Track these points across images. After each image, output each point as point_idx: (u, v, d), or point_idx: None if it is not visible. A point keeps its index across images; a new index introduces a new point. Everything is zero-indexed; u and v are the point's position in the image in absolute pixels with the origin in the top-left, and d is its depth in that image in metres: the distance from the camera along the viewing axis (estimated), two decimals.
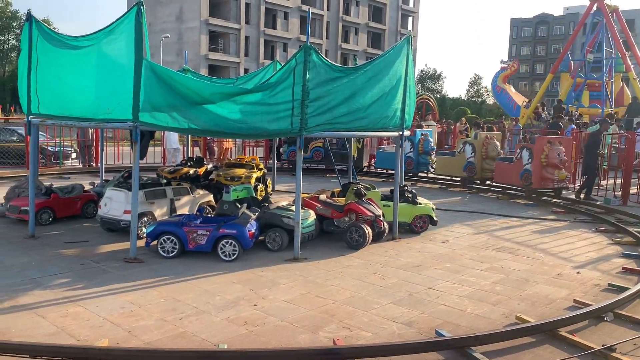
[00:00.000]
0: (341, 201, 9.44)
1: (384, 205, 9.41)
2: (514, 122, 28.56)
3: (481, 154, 15.78)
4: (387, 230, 9.03)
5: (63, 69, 8.11)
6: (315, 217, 8.73)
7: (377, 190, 10.00)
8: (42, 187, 9.87)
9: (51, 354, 4.35)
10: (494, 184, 15.77)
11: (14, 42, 67.14)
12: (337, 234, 8.91)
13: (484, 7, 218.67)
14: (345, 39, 70.58)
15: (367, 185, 10.16)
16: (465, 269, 7.58)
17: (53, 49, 8.11)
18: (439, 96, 79.73)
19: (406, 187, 10.09)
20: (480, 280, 7.07)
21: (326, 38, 66.62)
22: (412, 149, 17.36)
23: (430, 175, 18.21)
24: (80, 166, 18.10)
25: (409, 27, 79.69)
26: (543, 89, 31.77)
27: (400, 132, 9.03)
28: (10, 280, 6.46)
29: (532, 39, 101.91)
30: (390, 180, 16.24)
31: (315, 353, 4.52)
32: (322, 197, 9.38)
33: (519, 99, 31.96)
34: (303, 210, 8.29)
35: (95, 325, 5.22)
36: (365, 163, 19.27)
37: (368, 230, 8.45)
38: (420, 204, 9.73)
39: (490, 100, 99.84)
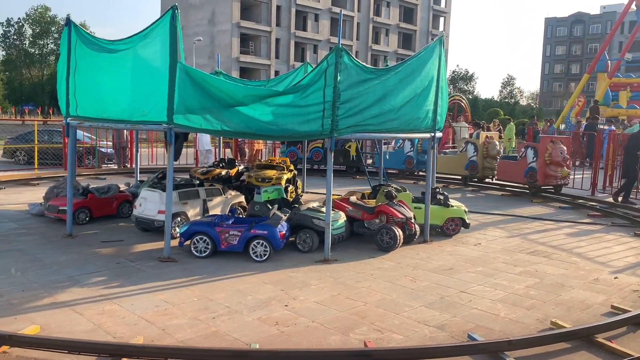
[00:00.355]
0: (372, 203, 9.41)
1: (415, 208, 9.35)
2: (548, 124, 28.00)
3: (482, 153, 16.37)
4: (418, 233, 8.96)
5: (100, 72, 8.32)
6: (345, 218, 8.73)
7: (408, 192, 9.94)
8: (80, 188, 10.14)
9: (89, 350, 4.47)
10: (492, 181, 16.64)
11: (52, 46, 69.11)
12: (367, 235, 8.89)
13: (517, 7, 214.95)
14: (376, 40, 70.32)
15: (398, 187, 10.11)
16: (499, 273, 7.47)
17: (91, 52, 8.32)
18: (471, 97, 78.67)
19: (438, 190, 9.99)
20: (514, 284, 6.95)
21: (356, 39, 66.51)
22: (411, 149, 17.82)
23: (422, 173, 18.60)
24: (116, 167, 18.51)
25: (441, 28, 78.92)
26: (579, 90, 31.08)
27: (433, 134, 8.96)
28: (49, 277, 6.66)
29: (567, 39, 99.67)
30: (390, 179, 16.67)
31: (347, 355, 4.52)
32: (353, 198, 9.37)
33: None
34: (333, 212, 8.31)
35: (131, 323, 5.33)
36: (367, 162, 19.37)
37: (399, 232, 8.40)
38: (452, 206, 9.62)
39: (523, 101, 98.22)
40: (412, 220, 8.82)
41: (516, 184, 15.33)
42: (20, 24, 68.22)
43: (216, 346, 4.72)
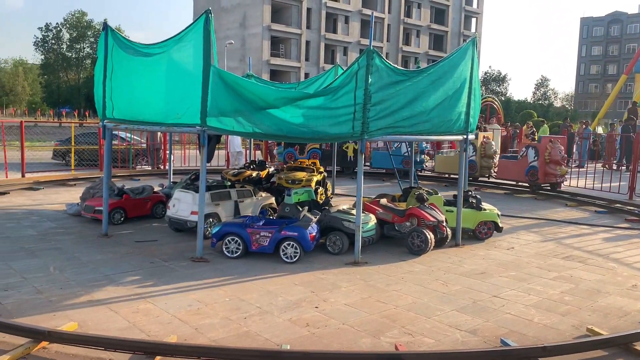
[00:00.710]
0: (402, 206, 9.36)
1: (446, 211, 9.26)
2: (583, 126, 27.36)
3: (480, 153, 17.13)
4: (450, 236, 8.87)
5: (135, 75, 8.51)
6: (376, 221, 8.71)
7: (439, 195, 9.85)
8: (115, 188, 10.38)
9: (125, 348, 4.57)
10: (489, 180, 17.44)
11: (88, 50, 70.91)
12: (398, 238, 8.85)
13: (551, 7, 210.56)
14: (407, 42, 69.90)
15: (430, 190, 10.04)
16: (532, 278, 7.33)
17: (126, 56, 8.52)
18: (503, 99, 77.46)
19: (470, 192, 9.88)
20: (548, 290, 6.82)
21: (387, 41, 66.25)
22: (408, 149, 17.74)
23: (424, 173, 19.58)
24: (149, 168, 18.86)
25: (472, 29, 77.94)
26: (616, 91, 30.29)
27: (465, 136, 8.87)
28: (86, 276, 6.83)
29: (603, 39, 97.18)
30: (382, 179, 17.95)
31: (378, 357, 4.51)
32: (383, 201, 9.34)
33: None
34: (364, 214, 8.29)
35: (164, 321, 5.43)
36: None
37: (430, 235, 8.33)
38: (484, 209, 9.50)
39: (557, 103, 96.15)
40: (444, 224, 8.74)
41: (513, 182, 16.28)
42: (58, 28, 70.18)
43: (248, 346, 4.77)
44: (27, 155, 16.47)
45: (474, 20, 78.99)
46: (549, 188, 15.38)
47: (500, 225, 9.61)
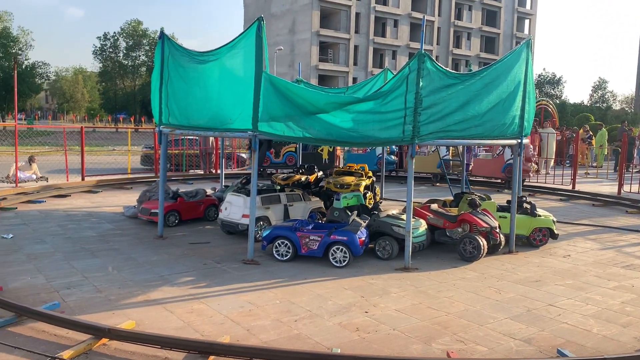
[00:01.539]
0: (454, 211, 9.22)
1: (500, 217, 9.05)
2: None
3: (452, 152, 18.26)
4: (503, 243, 8.66)
5: (190, 82, 8.75)
6: (426, 226, 8.61)
7: (492, 200, 9.64)
8: (170, 192, 10.69)
9: (180, 347, 4.70)
10: (457, 177, 17.65)
11: (143, 57, 73.29)
12: (449, 245, 8.71)
13: (607, 6, 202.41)
14: (457, 45, 68.80)
15: (482, 195, 9.84)
16: (590, 287, 7.07)
17: (182, 63, 8.78)
18: (558, 102, 74.98)
19: (524, 198, 9.62)
20: (608, 300, 6.55)
21: (437, 44, 65.41)
22: (383, 150, 18.27)
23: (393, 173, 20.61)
24: (202, 172, 19.31)
25: (525, 30, 75.89)
26: None
27: (519, 140, 8.65)
28: (143, 276, 7.07)
29: None
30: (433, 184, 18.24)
31: None
32: (434, 206, 9.22)
33: None
34: (414, 220, 8.22)
35: (217, 322, 5.55)
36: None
37: (483, 242, 8.16)
38: (539, 215, 9.23)
39: (616, 106, 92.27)
40: (497, 230, 8.54)
41: (486, 178, 18.26)
42: (115, 37, 72.89)
43: (299, 349, 4.81)
44: (86, 160, 17.15)
45: (527, 21, 76.90)
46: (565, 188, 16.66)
47: (556, 232, 9.31)
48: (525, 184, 16.65)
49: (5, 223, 10.15)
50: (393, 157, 21.25)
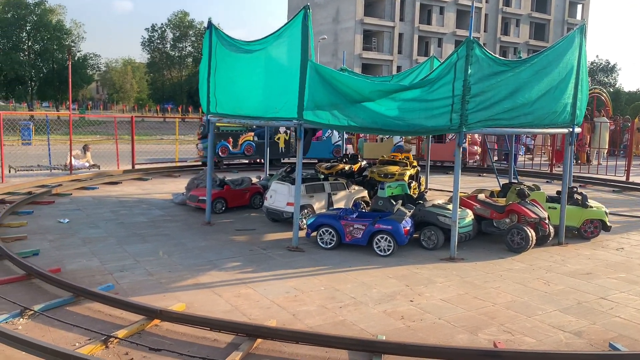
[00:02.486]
0: (501, 201, 9.05)
1: (549, 208, 8.82)
2: None
3: (407, 138, 19.02)
4: (552, 235, 8.44)
5: (236, 71, 8.87)
6: (473, 217, 8.48)
7: (542, 190, 9.40)
8: (217, 179, 10.91)
9: (229, 329, 4.83)
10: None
11: (190, 48, 74.48)
12: (496, 235, 8.57)
13: None
14: (505, 32, 66.88)
15: (531, 186, 9.61)
16: None
17: (229, 53, 8.91)
18: (612, 90, 72.01)
19: (575, 189, 9.34)
20: None
21: (484, 31, 63.76)
22: (340, 138, 18.29)
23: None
24: (246, 161, 19.58)
25: (578, 16, 72.97)
26: None
27: (571, 129, 8.39)
28: (192, 260, 7.27)
29: None
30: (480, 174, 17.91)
31: (476, 354, 4.41)
32: (481, 196, 9.07)
33: None
34: (460, 210, 8.11)
35: (264, 306, 5.66)
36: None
37: (531, 233, 7.98)
38: (591, 207, 8.94)
39: None
40: (546, 221, 8.33)
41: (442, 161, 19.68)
42: (163, 29, 74.28)
43: (345, 334, 4.85)
44: (136, 148, 17.68)
45: (579, 6, 73.91)
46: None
47: (609, 224, 9.00)
48: (575, 174, 16.11)
49: (62, 208, 10.61)
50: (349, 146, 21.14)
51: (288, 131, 18.56)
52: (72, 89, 19.68)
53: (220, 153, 17.44)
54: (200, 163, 17.92)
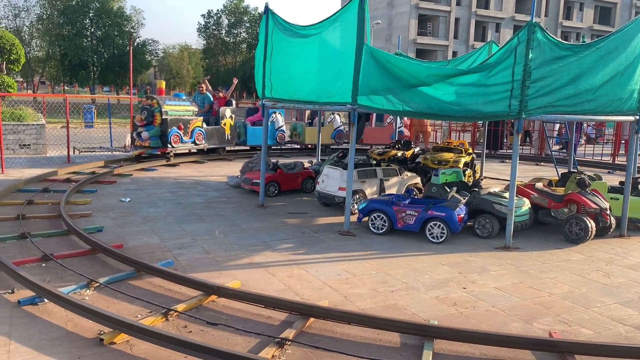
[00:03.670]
0: (560, 191, 8.78)
1: (611, 198, 8.49)
2: None
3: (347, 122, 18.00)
4: (614, 226, 8.14)
5: (292, 56, 8.94)
6: (529, 206, 8.28)
7: (603, 180, 9.06)
8: (270, 163, 11.08)
9: (282, 307, 4.95)
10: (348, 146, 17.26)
11: (244, 35, 75.38)
12: (553, 225, 8.33)
13: None
14: (567, 16, 64.06)
15: (592, 175, 9.27)
16: None
17: (285, 38, 8.98)
18: None
19: (639, 179, 8.94)
20: None
21: (545, 15, 61.32)
22: (283, 123, 18.43)
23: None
24: (297, 146, 19.75)
25: None
26: None
27: (637, 117, 8.02)
28: (246, 240, 7.46)
29: None
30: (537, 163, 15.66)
31: (531, 342, 4.36)
32: (539, 185, 8.83)
33: None
34: (517, 198, 7.93)
35: (316, 287, 5.76)
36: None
37: (591, 223, 7.72)
38: None
39: None
40: (607, 212, 8.03)
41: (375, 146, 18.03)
42: (218, 15, 75.46)
43: (397, 317, 4.88)
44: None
45: None
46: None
47: None
48: None
49: (123, 188, 11.07)
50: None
51: (233, 115, 16.94)
52: (132, 74, 20.26)
53: (172, 142, 14.59)
54: (145, 154, 14.89)
